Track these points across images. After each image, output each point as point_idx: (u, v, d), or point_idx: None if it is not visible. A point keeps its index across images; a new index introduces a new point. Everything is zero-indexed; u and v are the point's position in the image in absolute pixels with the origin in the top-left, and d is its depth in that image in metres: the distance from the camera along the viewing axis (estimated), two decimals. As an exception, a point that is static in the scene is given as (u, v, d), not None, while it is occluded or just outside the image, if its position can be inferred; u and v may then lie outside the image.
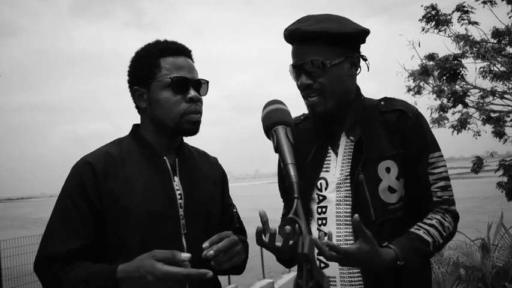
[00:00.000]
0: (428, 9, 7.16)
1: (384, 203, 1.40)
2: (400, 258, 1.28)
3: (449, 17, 7.19)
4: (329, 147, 1.51)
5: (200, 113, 1.43)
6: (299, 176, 1.06)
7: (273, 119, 1.19)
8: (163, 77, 1.38)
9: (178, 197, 1.40)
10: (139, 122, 1.50)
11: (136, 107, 1.49)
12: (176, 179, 1.43)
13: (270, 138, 1.19)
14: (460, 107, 7.97)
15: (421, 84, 9.05)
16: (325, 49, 1.39)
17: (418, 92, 9.13)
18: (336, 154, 1.49)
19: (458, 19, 7.11)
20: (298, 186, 0.98)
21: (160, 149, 1.44)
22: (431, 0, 7.29)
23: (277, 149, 1.12)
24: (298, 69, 1.44)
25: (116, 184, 1.33)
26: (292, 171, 1.03)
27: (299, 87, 1.46)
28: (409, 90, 9.26)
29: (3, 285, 6.18)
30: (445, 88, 8.09)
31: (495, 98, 8.12)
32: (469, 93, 7.59)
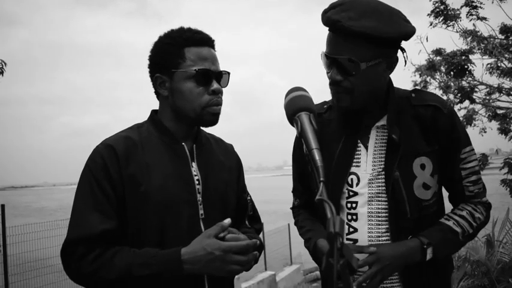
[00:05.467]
0: (437, 4, 7.10)
1: (419, 200, 1.39)
2: (426, 243, 1.32)
3: (458, 12, 7.14)
4: (358, 141, 1.46)
5: (221, 104, 1.43)
6: (327, 169, 1.05)
7: (296, 105, 1.18)
8: (187, 68, 1.38)
9: (196, 182, 1.42)
10: (141, 113, 1.51)
11: (156, 93, 1.49)
12: (194, 164, 1.44)
13: (293, 125, 1.18)
14: (466, 103, 7.94)
15: (428, 79, 9.01)
16: (363, 48, 1.30)
17: (424, 87, 9.08)
18: (366, 148, 1.45)
19: (466, 14, 7.06)
20: (324, 170, 0.98)
21: (179, 136, 1.45)
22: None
23: (302, 134, 1.11)
24: (331, 61, 1.37)
25: (136, 169, 1.34)
26: (317, 156, 1.02)
27: (328, 78, 1.40)
28: (415, 85, 9.22)
29: (8, 271, 6.24)
30: (452, 84, 8.05)
31: (502, 94, 8.09)
32: (476, 90, 7.56)
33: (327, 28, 1.40)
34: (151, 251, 1.27)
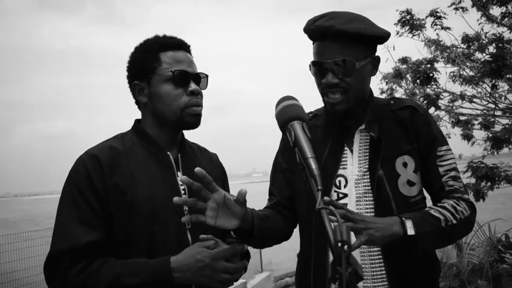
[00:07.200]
0: (403, 14, 7.32)
1: (405, 197, 1.44)
2: (404, 217, 1.33)
3: (423, 21, 7.38)
4: (344, 145, 1.53)
5: (201, 105, 1.43)
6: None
7: (288, 114, 1.20)
8: (163, 71, 1.38)
9: (182, 192, 1.40)
10: (111, 118, 1.51)
11: (136, 102, 1.49)
12: (180, 174, 1.43)
13: (285, 134, 1.20)
14: (431, 110, 8.18)
15: (394, 87, 9.25)
16: (355, 49, 1.41)
17: (391, 95, 9.31)
18: (351, 151, 1.51)
19: (431, 24, 7.31)
20: (321, 179, 0.99)
21: (163, 144, 1.44)
22: (406, 4, 7.44)
23: (296, 143, 1.13)
24: (324, 67, 1.43)
25: (121, 179, 1.32)
26: (313, 165, 1.04)
27: (321, 84, 1.46)
28: (382, 92, 9.44)
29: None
30: (417, 91, 8.30)
31: (464, 101, 8.39)
32: (441, 97, 7.82)
33: (312, 41, 1.48)
34: (140, 261, 1.25)
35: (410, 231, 1.30)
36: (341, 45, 1.40)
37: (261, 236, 1.39)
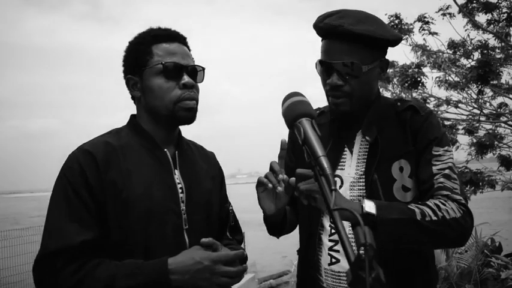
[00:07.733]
0: (392, 18, 7.37)
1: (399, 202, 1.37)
2: (365, 201, 1.25)
3: (411, 26, 7.44)
4: (345, 145, 1.49)
5: (195, 99, 1.37)
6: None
7: (296, 111, 1.15)
8: (155, 64, 1.32)
9: (180, 191, 1.35)
10: (92, 117, 1.47)
11: (132, 97, 1.43)
12: (177, 172, 1.37)
13: (293, 131, 1.14)
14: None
15: (381, 90, 9.32)
16: (363, 51, 1.36)
17: (377, 98, 9.34)
18: (351, 153, 1.48)
19: (419, 29, 7.38)
20: (333, 178, 0.95)
21: (160, 141, 1.38)
22: (394, 8, 7.50)
23: (305, 141, 1.07)
24: (330, 67, 1.39)
25: (117, 176, 1.25)
26: (325, 164, 0.99)
27: (327, 85, 1.42)
28: (368, 96, 9.48)
29: None
30: (404, 95, 8.37)
31: (449, 106, 8.49)
32: (428, 101, 7.90)
33: (320, 38, 1.45)
34: (136, 262, 1.19)
35: (371, 209, 1.22)
36: (349, 46, 1.36)
37: (287, 229, 1.56)
